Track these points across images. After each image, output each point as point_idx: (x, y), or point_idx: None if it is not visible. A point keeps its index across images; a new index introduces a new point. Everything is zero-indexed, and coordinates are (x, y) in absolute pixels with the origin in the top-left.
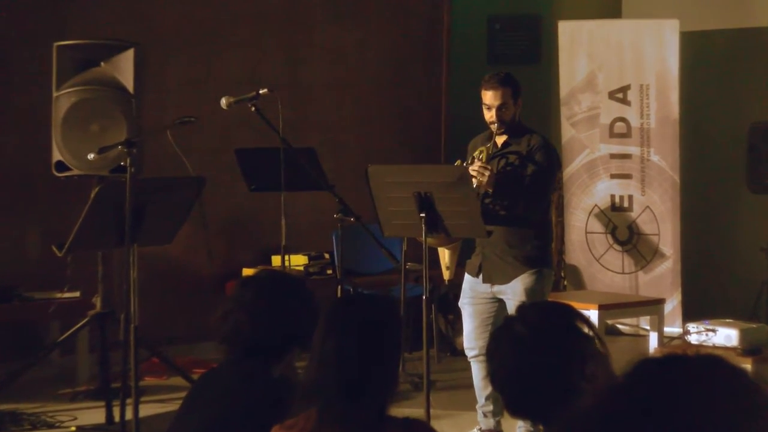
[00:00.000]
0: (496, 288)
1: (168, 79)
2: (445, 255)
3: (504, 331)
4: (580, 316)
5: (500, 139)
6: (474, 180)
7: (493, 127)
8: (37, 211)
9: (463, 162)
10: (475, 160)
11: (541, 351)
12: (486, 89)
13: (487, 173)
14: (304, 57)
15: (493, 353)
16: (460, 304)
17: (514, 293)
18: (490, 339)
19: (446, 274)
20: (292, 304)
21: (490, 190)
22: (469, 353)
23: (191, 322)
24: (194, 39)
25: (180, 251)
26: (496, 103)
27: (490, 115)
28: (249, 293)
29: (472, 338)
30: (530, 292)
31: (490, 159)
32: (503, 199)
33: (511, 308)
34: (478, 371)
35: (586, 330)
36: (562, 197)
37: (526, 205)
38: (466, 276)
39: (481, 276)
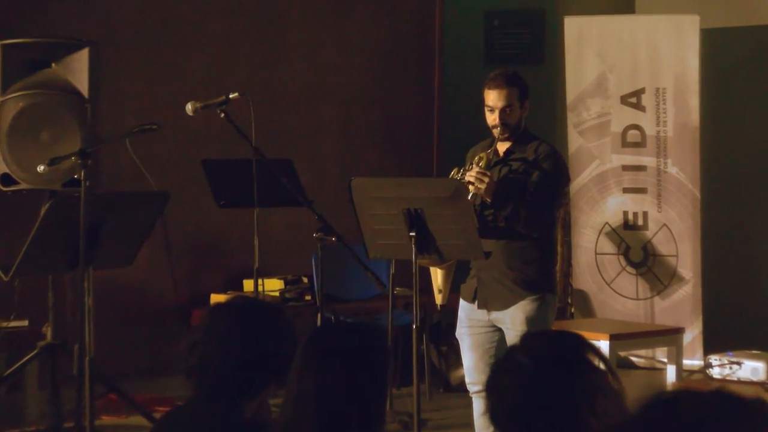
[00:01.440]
0: (493, 315)
1: (127, 82)
2: (437, 276)
3: (506, 363)
4: (591, 347)
5: (503, 147)
6: (471, 187)
7: (496, 132)
8: None
9: (460, 169)
10: (474, 166)
11: (547, 385)
12: (489, 88)
13: (486, 179)
14: (280, 57)
15: (493, 387)
16: (457, 334)
17: (513, 322)
18: (490, 372)
19: (439, 299)
20: (268, 335)
21: (489, 200)
22: (471, 389)
23: (153, 355)
24: (157, 37)
25: (140, 275)
26: (501, 104)
27: (492, 118)
28: (219, 322)
29: (473, 373)
30: (532, 320)
31: (490, 167)
32: (503, 211)
33: (511, 339)
34: (480, 408)
35: (597, 363)
36: (568, 214)
37: (528, 219)
38: (462, 302)
39: (476, 302)
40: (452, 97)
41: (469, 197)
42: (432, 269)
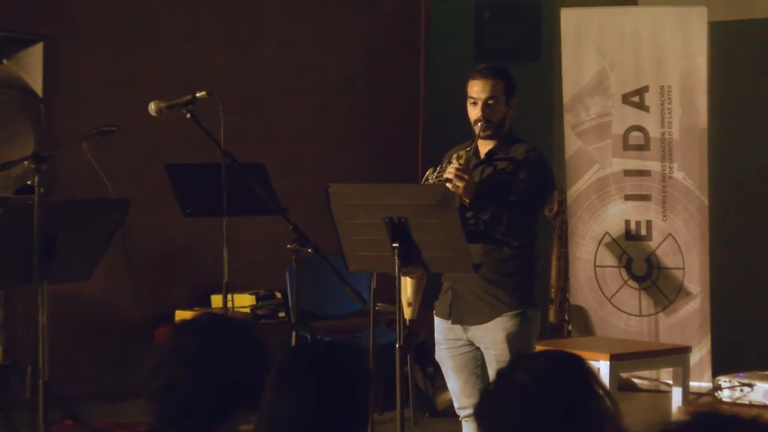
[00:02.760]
0: (471, 332)
1: (86, 80)
2: (407, 287)
3: (502, 383)
4: (590, 370)
5: (485, 148)
6: (449, 185)
7: (477, 128)
8: None
9: (436, 168)
10: (454, 162)
11: (551, 407)
12: (473, 79)
13: (466, 177)
14: (252, 53)
15: (487, 410)
16: (437, 357)
17: (493, 341)
18: (483, 395)
19: (408, 312)
20: (238, 355)
21: (467, 201)
22: (461, 413)
23: (113, 377)
24: (119, 32)
25: (99, 290)
26: (484, 95)
27: (475, 112)
28: (184, 342)
29: (461, 397)
30: (513, 338)
31: (470, 167)
32: (483, 214)
33: (491, 359)
34: None
35: (596, 386)
36: (565, 224)
37: (509, 225)
38: (437, 321)
39: (451, 318)
40: (439, 96)
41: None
42: (402, 279)
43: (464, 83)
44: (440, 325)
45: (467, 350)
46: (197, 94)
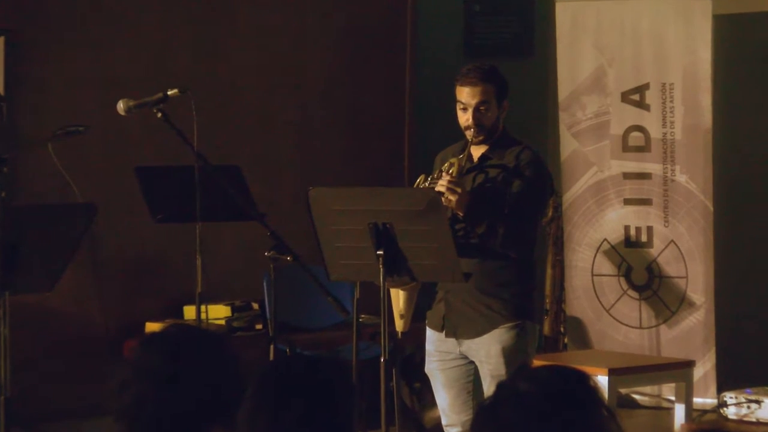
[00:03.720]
0: (465, 345)
1: (51, 77)
2: (399, 299)
3: (501, 393)
4: (596, 387)
5: (477, 151)
6: (441, 199)
7: (469, 134)
8: None
9: (427, 177)
10: (443, 174)
11: (551, 420)
12: (462, 84)
13: (459, 190)
14: (226, 48)
15: (485, 423)
16: (427, 370)
17: (488, 355)
18: (477, 411)
19: (400, 325)
20: (210, 371)
21: (461, 214)
22: (449, 431)
23: (79, 393)
24: (85, 26)
25: (64, 301)
26: (474, 101)
27: (465, 118)
28: (152, 357)
29: (450, 413)
30: (509, 352)
31: (462, 174)
32: (478, 227)
33: (485, 374)
34: None
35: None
36: (561, 230)
37: (506, 237)
38: (429, 333)
39: (445, 330)
40: (426, 95)
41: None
42: (393, 290)
43: (453, 81)
44: (432, 336)
45: (459, 364)
46: (169, 92)
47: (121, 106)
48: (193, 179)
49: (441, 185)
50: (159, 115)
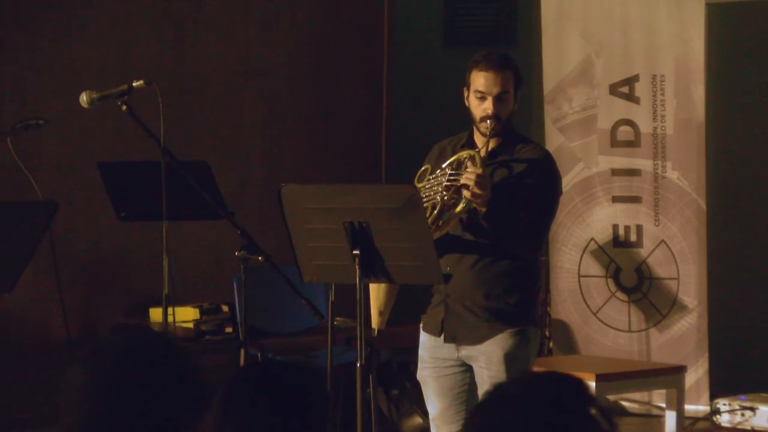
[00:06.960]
0: (464, 351)
1: (7, 67)
2: (379, 293)
3: (495, 394)
4: (591, 395)
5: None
6: (466, 193)
7: (484, 126)
8: None
9: (434, 169)
10: (468, 165)
11: (540, 424)
12: (480, 70)
13: (488, 186)
14: (192, 37)
15: (471, 426)
16: (419, 376)
17: (489, 360)
18: (471, 416)
19: (377, 322)
20: (165, 381)
21: (483, 210)
22: None
23: (37, 401)
24: (44, 13)
25: (22, 303)
26: (496, 90)
27: (483, 108)
28: (97, 370)
29: (441, 423)
30: (511, 359)
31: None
32: (500, 228)
33: (484, 380)
34: None
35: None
36: None
37: (518, 239)
38: (423, 338)
39: (443, 335)
40: (404, 86)
41: (460, 207)
42: (372, 285)
43: (432, 71)
44: (427, 341)
45: (455, 371)
46: (134, 84)
47: (83, 98)
48: (159, 176)
49: (468, 178)
50: (124, 107)
